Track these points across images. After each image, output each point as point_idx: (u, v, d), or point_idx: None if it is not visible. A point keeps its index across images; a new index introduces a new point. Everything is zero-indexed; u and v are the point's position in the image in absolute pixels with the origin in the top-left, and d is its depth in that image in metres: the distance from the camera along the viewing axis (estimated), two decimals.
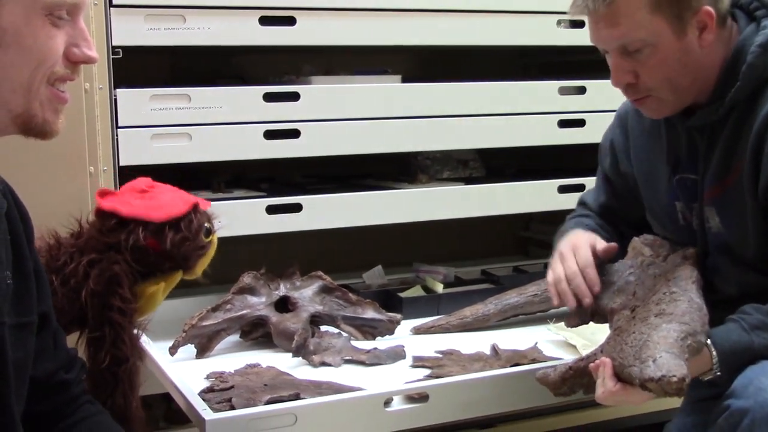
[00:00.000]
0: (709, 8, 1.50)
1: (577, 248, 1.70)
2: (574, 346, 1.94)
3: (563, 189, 2.46)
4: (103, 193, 1.64)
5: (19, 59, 1.11)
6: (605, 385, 1.43)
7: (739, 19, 1.58)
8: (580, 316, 1.70)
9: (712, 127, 1.58)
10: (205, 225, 1.70)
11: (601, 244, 1.71)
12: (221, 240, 1.90)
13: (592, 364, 1.48)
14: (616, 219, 1.88)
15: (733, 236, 1.59)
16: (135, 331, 1.60)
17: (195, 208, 1.66)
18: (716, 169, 1.58)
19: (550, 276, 1.73)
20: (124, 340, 1.55)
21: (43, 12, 1.11)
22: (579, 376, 1.54)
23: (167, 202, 1.63)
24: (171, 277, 1.65)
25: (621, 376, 1.42)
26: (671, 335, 1.39)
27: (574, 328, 1.79)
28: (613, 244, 1.71)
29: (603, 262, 1.72)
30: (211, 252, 1.74)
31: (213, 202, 2.15)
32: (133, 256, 1.59)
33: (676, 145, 1.66)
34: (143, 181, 1.68)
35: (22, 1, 1.09)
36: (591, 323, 1.73)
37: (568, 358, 1.84)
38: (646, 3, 1.49)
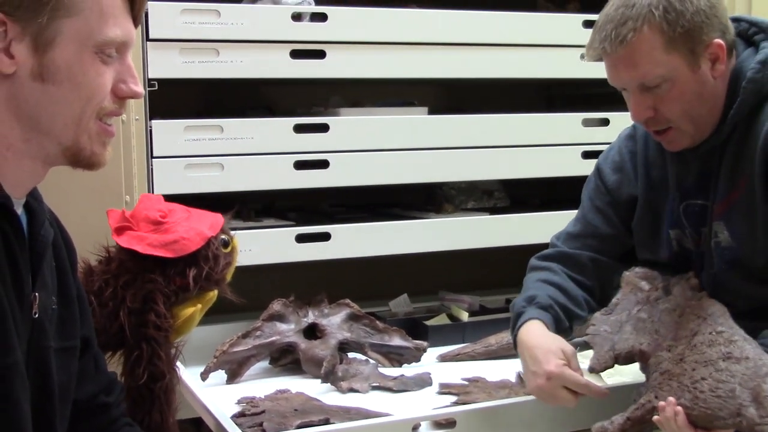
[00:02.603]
0: (719, 41, 1.56)
1: (557, 377, 1.61)
2: (598, 375, 1.96)
3: None
4: (119, 230, 1.66)
5: (71, 95, 1.16)
6: None
7: (738, 45, 1.64)
8: (603, 363, 1.68)
9: (719, 148, 1.63)
10: (222, 238, 1.73)
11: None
12: (252, 268, 1.95)
13: (656, 418, 1.48)
14: (601, 244, 1.87)
15: (742, 248, 1.62)
16: (172, 351, 1.64)
17: (209, 240, 1.70)
18: (723, 186, 1.62)
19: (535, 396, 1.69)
20: (160, 356, 1.60)
21: (93, 50, 1.16)
22: (638, 424, 1.54)
23: (182, 235, 1.66)
24: (206, 298, 1.69)
25: (701, 424, 1.44)
26: None
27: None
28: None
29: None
30: (235, 258, 1.77)
31: (243, 231, 2.21)
32: (166, 283, 1.64)
33: (684, 173, 1.70)
34: (156, 206, 1.70)
35: (74, 40, 1.14)
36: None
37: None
38: (660, 42, 1.54)
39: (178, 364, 1.74)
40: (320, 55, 2.24)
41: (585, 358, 1.83)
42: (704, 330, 1.55)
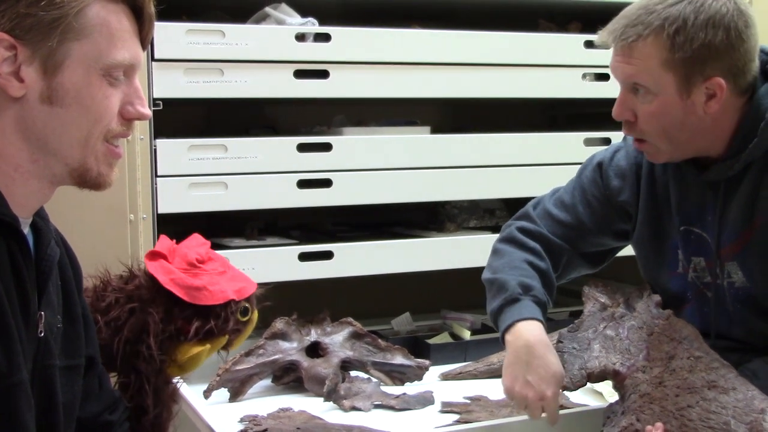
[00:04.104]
0: (721, 80, 1.51)
1: (547, 403, 1.61)
2: (600, 393, 1.97)
3: None
4: (154, 255, 1.63)
5: (79, 117, 1.17)
6: None
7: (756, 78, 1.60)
8: (577, 382, 1.68)
9: (728, 183, 1.61)
10: (244, 305, 1.68)
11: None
12: None
13: None
14: (579, 238, 1.84)
15: (758, 288, 1.61)
16: (169, 387, 1.60)
17: (229, 302, 1.64)
18: (735, 225, 1.60)
19: (508, 395, 1.67)
20: (147, 390, 1.55)
21: (101, 73, 1.17)
22: None
23: (207, 286, 1.61)
24: (216, 341, 1.66)
25: None
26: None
27: None
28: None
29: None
30: (248, 330, 1.71)
31: (247, 249, 2.22)
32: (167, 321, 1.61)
33: (687, 198, 1.68)
34: (198, 249, 1.66)
35: (82, 63, 1.16)
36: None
37: (594, 404, 1.88)
38: (660, 56, 1.52)
39: (181, 382, 1.71)
40: (324, 75, 2.26)
41: None
42: (681, 354, 1.55)
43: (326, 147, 2.27)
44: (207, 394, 1.97)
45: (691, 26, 1.50)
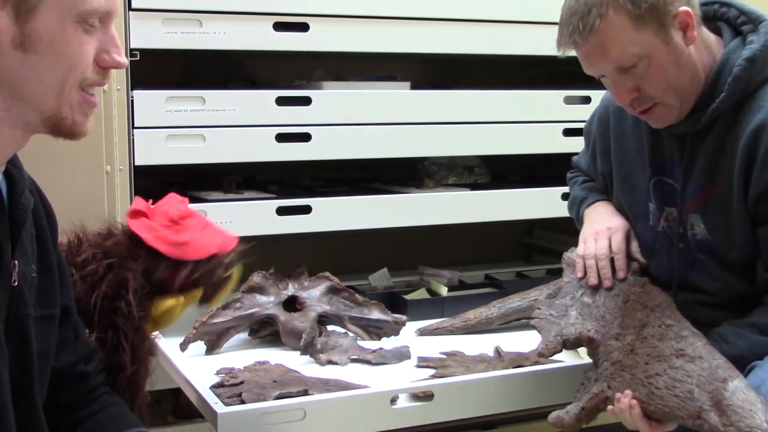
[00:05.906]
0: (686, 8, 1.55)
1: (613, 232, 1.78)
2: (576, 351, 1.98)
3: (566, 197, 2.50)
4: (135, 213, 1.63)
5: (53, 65, 1.15)
6: (640, 427, 1.51)
7: (724, 33, 1.63)
8: (552, 348, 1.72)
9: (694, 136, 1.63)
10: (224, 261, 1.69)
11: (636, 245, 1.79)
12: None
13: (611, 408, 1.53)
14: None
15: (719, 241, 1.64)
16: (146, 343, 1.60)
17: (213, 255, 1.66)
18: (700, 178, 1.63)
19: (581, 249, 1.81)
20: (125, 347, 1.55)
21: (75, 19, 1.15)
22: (592, 413, 1.58)
23: (191, 241, 1.63)
24: (191, 295, 1.67)
25: (655, 417, 1.50)
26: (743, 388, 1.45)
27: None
28: (643, 262, 1.78)
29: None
30: (229, 286, 1.74)
31: (224, 203, 2.21)
32: (146, 278, 1.61)
33: (659, 150, 1.71)
34: (178, 208, 1.67)
35: (56, 10, 1.13)
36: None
37: (569, 361, 1.89)
38: (628, 22, 1.53)
39: (158, 334, 1.71)
40: (303, 27, 2.24)
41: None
42: (653, 322, 1.58)
43: (305, 101, 2.26)
44: (183, 346, 1.97)
45: None
